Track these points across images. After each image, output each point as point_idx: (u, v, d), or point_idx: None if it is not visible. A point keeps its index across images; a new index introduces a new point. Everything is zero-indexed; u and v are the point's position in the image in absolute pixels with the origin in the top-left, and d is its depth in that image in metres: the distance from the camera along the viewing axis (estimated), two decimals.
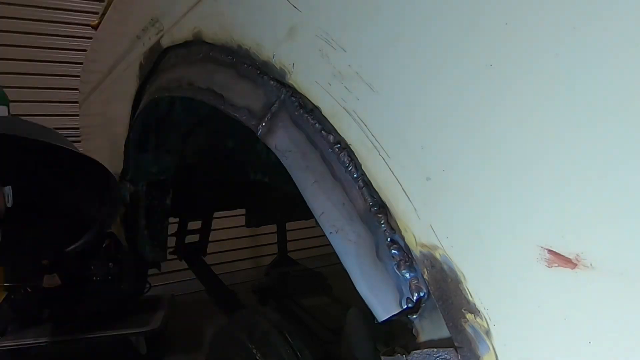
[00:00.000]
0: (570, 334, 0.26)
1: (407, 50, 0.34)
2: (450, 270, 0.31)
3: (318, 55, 0.40)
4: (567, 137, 0.26)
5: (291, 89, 0.44)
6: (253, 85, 0.49)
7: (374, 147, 0.37)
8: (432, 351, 0.33)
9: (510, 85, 0.28)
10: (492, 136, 0.29)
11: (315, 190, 0.41)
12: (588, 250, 0.25)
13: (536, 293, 0.27)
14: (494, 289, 0.30)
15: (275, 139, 0.46)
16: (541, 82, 0.27)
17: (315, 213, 0.41)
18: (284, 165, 0.45)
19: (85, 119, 1.50)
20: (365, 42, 0.37)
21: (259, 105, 0.48)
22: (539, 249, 0.27)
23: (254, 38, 0.49)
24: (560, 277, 0.26)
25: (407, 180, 0.34)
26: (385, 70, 0.36)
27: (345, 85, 0.38)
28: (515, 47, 0.28)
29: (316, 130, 0.41)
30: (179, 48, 0.67)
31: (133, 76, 0.85)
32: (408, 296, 0.34)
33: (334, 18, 0.40)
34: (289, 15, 0.44)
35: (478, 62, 0.29)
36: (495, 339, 0.29)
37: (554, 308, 0.26)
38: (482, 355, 0.30)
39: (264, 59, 0.47)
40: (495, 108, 0.29)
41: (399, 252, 0.35)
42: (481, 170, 0.30)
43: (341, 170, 0.39)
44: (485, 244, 0.30)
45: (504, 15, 0.28)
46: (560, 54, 0.26)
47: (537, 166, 0.27)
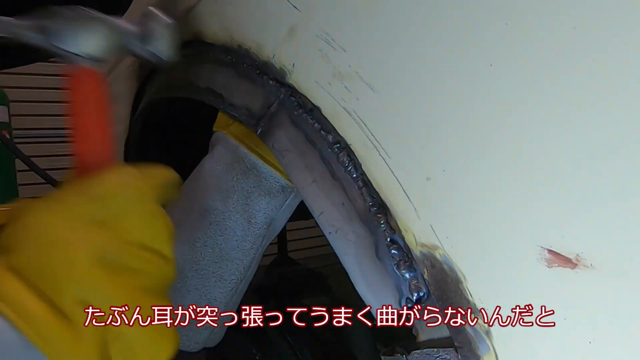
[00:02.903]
0: (570, 334, 0.26)
1: (407, 50, 0.34)
2: (450, 270, 0.31)
3: (318, 55, 0.40)
4: (567, 137, 0.26)
5: (291, 89, 0.44)
6: (252, 85, 0.49)
7: (373, 147, 0.37)
8: (432, 351, 0.33)
9: (510, 85, 0.28)
10: (493, 136, 0.29)
11: (314, 190, 0.41)
12: (588, 250, 0.25)
13: (536, 293, 0.27)
14: (494, 288, 0.30)
15: (273, 139, 0.46)
16: (541, 81, 0.27)
17: (315, 213, 0.41)
18: (281, 165, 0.45)
19: None
20: (365, 42, 0.37)
21: (258, 105, 0.48)
22: (539, 249, 0.27)
23: (254, 38, 0.49)
24: (560, 277, 0.26)
25: (407, 180, 0.34)
26: (385, 70, 0.36)
27: (345, 85, 0.38)
28: (515, 47, 0.28)
29: (315, 130, 0.41)
30: (178, 48, 0.67)
31: (133, 76, 0.85)
32: (408, 296, 0.34)
33: (334, 18, 0.40)
34: (289, 15, 0.44)
35: (478, 62, 0.29)
36: (495, 339, 0.29)
37: (554, 308, 0.26)
38: (482, 355, 0.30)
39: (264, 59, 0.47)
40: (496, 108, 0.29)
41: (398, 252, 0.35)
42: (481, 170, 0.30)
43: (340, 170, 0.39)
44: (486, 244, 0.30)
45: (504, 15, 0.28)
46: (560, 54, 0.26)
47: (537, 166, 0.27)
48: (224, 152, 0.55)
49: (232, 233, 0.53)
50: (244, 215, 0.53)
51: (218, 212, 0.53)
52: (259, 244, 0.56)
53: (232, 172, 0.54)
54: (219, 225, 0.53)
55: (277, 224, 0.56)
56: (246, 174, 0.53)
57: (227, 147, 0.55)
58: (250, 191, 0.53)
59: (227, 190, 0.53)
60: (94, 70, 0.38)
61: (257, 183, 0.53)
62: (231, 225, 0.53)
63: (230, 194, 0.53)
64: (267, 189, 0.53)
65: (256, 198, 0.53)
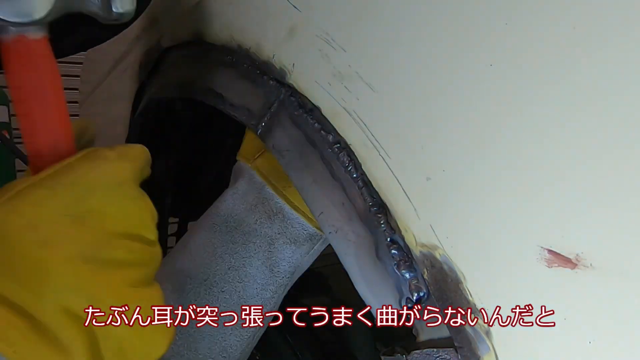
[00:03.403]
0: (570, 334, 0.26)
1: (407, 50, 0.34)
2: (450, 270, 0.31)
3: (318, 55, 0.40)
4: (567, 137, 0.26)
5: (291, 89, 0.45)
6: (253, 85, 0.49)
7: (373, 147, 0.37)
8: (432, 351, 0.33)
9: (510, 84, 0.28)
10: (493, 136, 0.29)
11: (314, 190, 0.41)
12: (588, 250, 0.25)
13: (536, 293, 0.27)
14: (494, 288, 0.30)
15: (273, 139, 0.46)
16: (541, 81, 0.27)
17: (315, 213, 0.41)
18: (281, 165, 0.45)
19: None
20: (365, 42, 0.37)
21: (258, 105, 0.48)
22: (539, 249, 0.27)
23: (254, 38, 0.49)
24: (560, 277, 0.26)
25: (407, 180, 0.35)
26: (385, 70, 0.36)
27: (345, 85, 0.38)
28: (515, 47, 0.28)
29: (315, 130, 0.41)
30: (179, 48, 0.67)
31: (133, 76, 0.85)
32: (408, 296, 0.34)
33: (334, 18, 0.40)
34: (289, 15, 0.44)
35: (478, 62, 0.29)
36: (495, 339, 0.29)
37: (554, 308, 0.26)
38: (482, 355, 0.30)
39: (264, 59, 0.48)
40: (496, 108, 0.29)
41: (398, 252, 0.35)
42: (481, 170, 0.30)
43: (340, 170, 0.39)
44: (486, 244, 0.30)
45: (504, 15, 0.28)
46: (560, 54, 0.26)
47: (537, 166, 0.27)
48: (248, 190, 0.51)
49: (252, 280, 0.49)
50: (265, 263, 0.49)
51: (238, 257, 0.49)
52: (281, 293, 0.51)
53: (255, 214, 0.50)
54: (238, 271, 0.49)
55: (301, 270, 0.52)
56: (271, 218, 0.49)
57: (252, 185, 0.51)
58: (274, 237, 0.49)
59: (249, 233, 0.49)
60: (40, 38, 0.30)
61: (282, 229, 0.49)
62: (252, 272, 0.49)
63: (252, 237, 0.49)
64: (294, 237, 0.49)
65: (281, 246, 0.49)
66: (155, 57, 0.75)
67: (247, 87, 0.50)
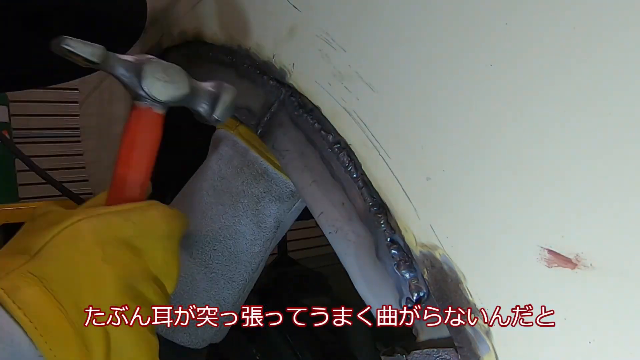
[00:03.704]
0: (570, 334, 0.26)
1: (407, 50, 0.34)
2: (450, 270, 0.31)
3: (318, 55, 0.40)
4: (567, 137, 0.26)
5: (291, 89, 0.44)
6: (253, 85, 0.49)
7: (374, 147, 0.37)
8: (432, 351, 0.33)
9: (510, 85, 0.28)
10: (492, 136, 0.29)
11: (314, 190, 0.41)
12: (588, 250, 0.25)
13: (536, 293, 0.27)
14: (494, 289, 0.30)
15: (273, 139, 0.46)
16: (541, 81, 0.27)
17: (315, 213, 0.41)
18: (281, 165, 0.45)
19: (85, 119, 1.50)
20: (365, 42, 0.37)
21: (258, 105, 0.48)
22: (539, 249, 0.27)
23: (254, 38, 0.49)
24: (560, 277, 0.26)
25: (407, 180, 0.34)
26: (385, 70, 0.36)
27: (345, 85, 0.38)
28: (515, 47, 0.28)
29: (315, 130, 0.41)
30: (179, 48, 0.67)
31: None
32: (408, 296, 0.34)
33: (334, 18, 0.40)
34: (289, 15, 0.44)
35: (478, 62, 0.29)
36: (495, 339, 0.29)
37: (554, 308, 0.26)
38: (482, 355, 0.30)
39: (264, 59, 0.47)
40: (496, 108, 0.29)
41: (398, 252, 0.35)
42: (481, 170, 0.30)
43: (340, 170, 0.39)
44: (486, 244, 0.30)
45: (504, 15, 0.28)
46: (560, 54, 0.26)
47: (537, 166, 0.27)
48: (233, 154, 0.54)
49: (241, 237, 0.53)
50: (253, 220, 0.53)
51: (228, 217, 0.53)
52: (268, 246, 0.56)
53: (241, 175, 0.53)
54: (228, 229, 0.53)
55: (285, 225, 0.56)
56: (256, 179, 0.53)
57: (236, 150, 0.54)
58: (260, 196, 0.53)
59: (237, 194, 0.53)
60: (160, 114, 0.42)
61: (267, 188, 0.53)
62: (241, 229, 0.53)
63: (240, 198, 0.53)
64: (278, 195, 0.53)
65: (267, 203, 0.53)
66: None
67: (247, 87, 0.50)
